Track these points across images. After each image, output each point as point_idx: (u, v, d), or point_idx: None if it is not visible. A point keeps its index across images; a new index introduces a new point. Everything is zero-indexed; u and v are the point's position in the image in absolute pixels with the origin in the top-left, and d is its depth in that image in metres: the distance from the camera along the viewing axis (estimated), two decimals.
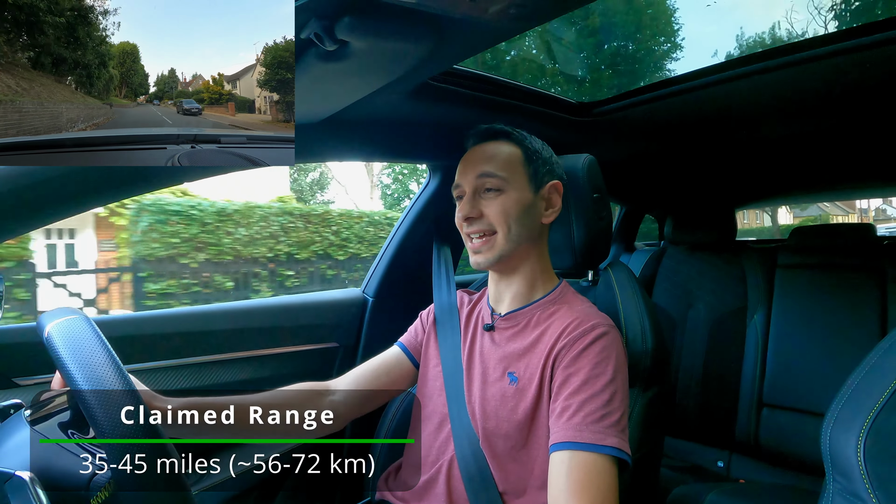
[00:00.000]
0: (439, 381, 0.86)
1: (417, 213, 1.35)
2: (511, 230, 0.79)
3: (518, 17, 0.62)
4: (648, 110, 1.28)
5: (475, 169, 0.81)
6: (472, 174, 0.81)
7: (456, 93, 1.00)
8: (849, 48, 0.95)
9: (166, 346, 1.08)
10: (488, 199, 0.80)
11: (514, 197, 0.79)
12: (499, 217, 0.79)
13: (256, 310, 1.25)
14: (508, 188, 0.79)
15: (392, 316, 1.33)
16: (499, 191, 0.79)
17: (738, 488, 1.45)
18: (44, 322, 0.58)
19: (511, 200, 0.79)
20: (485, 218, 0.80)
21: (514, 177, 0.80)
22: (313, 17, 0.59)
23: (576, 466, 0.65)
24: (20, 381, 0.91)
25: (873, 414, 0.52)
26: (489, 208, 0.80)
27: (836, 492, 0.56)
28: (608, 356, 0.72)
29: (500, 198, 0.79)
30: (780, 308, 1.75)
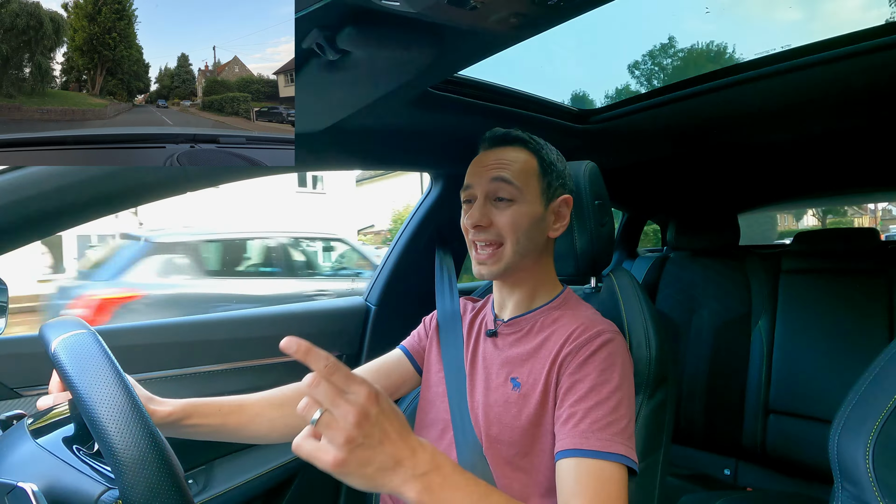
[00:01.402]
0: (442, 386, 0.85)
1: (419, 221, 1.35)
2: (519, 243, 0.78)
3: (519, 25, 0.63)
4: (649, 116, 1.29)
5: (490, 172, 0.78)
6: (485, 177, 0.79)
7: (457, 101, 1.00)
8: (851, 53, 0.95)
9: (169, 356, 1.08)
10: (500, 208, 0.78)
11: (526, 209, 0.78)
12: (509, 228, 0.77)
13: (259, 319, 1.25)
14: (521, 199, 0.78)
15: (394, 324, 1.33)
16: (511, 201, 0.78)
17: (745, 496, 1.44)
18: (48, 335, 0.57)
19: (522, 213, 0.78)
20: (494, 228, 0.78)
21: (528, 188, 0.78)
22: (315, 27, 0.60)
23: (584, 473, 0.64)
24: (22, 391, 0.91)
25: (882, 420, 0.52)
26: (500, 218, 0.78)
27: (845, 499, 0.56)
28: (614, 363, 0.71)
29: (511, 208, 0.78)
30: (785, 313, 1.74)
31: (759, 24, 5.91)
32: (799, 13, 5.81)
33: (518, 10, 0.59)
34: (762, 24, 7.04)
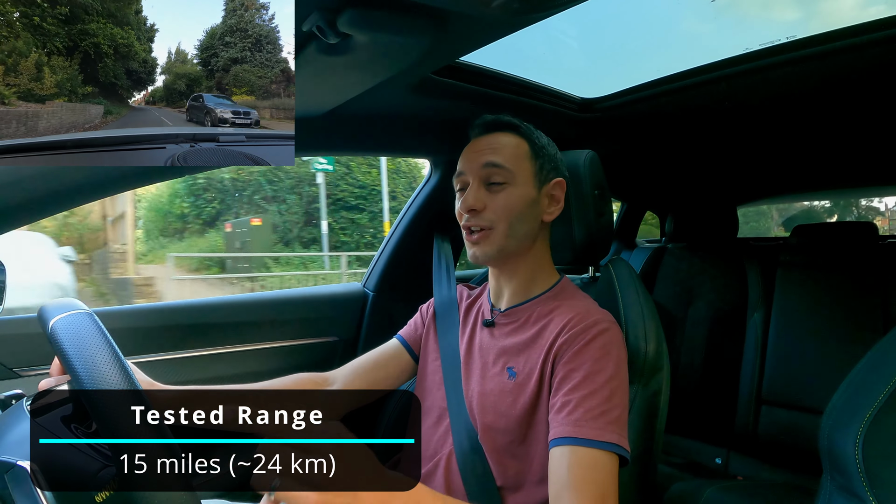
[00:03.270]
0: (438, 374, 0.86)
1: (418, 207, 1.35)
2: (512, 226, 0.78)
3: (521, 11, 0.62)
4: (652, 106, 1.28)
5: (481, 158, 0.79)
6: (477, 163, 0.79)
7: (458, 87, 0.99)
8: (850, 46, 0.94)
9: (167, 339, 1.08)
10: (493, 192, 0.79)
11: (518, 192, 0.78)
12: (501, 212, 0.78)
13: (257, 303, 1.26)
14: (514, 182, 0.78)
15: (392, 310, 1.34)
16: (504, 184, 0.78)
17: (736, 485, 1.46)
18: (47, 315, 0.58)
19: (515, 196, 0.78)
20: (487, 211, 0.78)
21: (519, 171, 0.79)
22: (315, 9, 0.59)
23: (576, 462, 0.65)
24: (21, 371, 0.92)
25: (872, 412, 0.52)
26: (492, 202, 0.78)
27: (834, 489, 0.57)
28: (609, 352, 0.72)
29: (504, 192, 0.78)
30: (781, 306, 1.75)
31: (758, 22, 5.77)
32: (797, 13, 5.67)
33: None
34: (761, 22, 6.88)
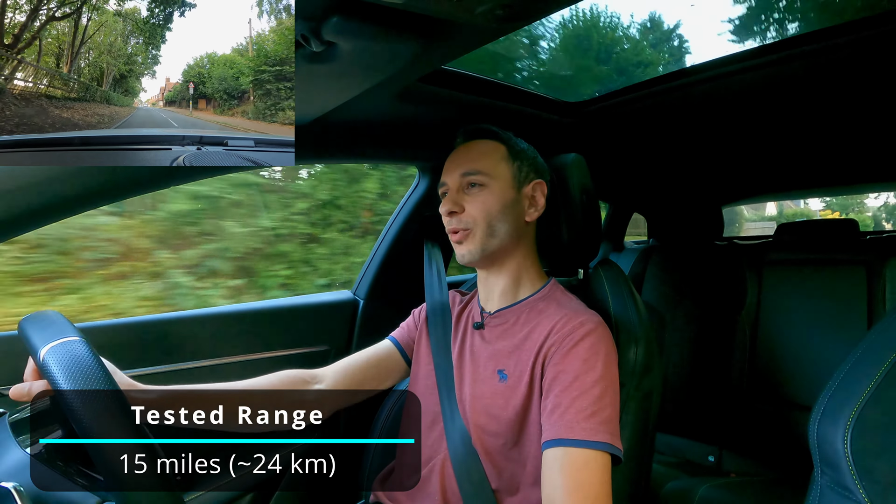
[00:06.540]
0: (431, 379, 0.86)
1: (408, 214, 1.35)
2: (491, 226, 0.80)
3: (505, 17, 0.62)
4: (636, 108, 1.29)
5: (460, 167, 0.82)
6: (456, 172, 0.83)
7: (444, 94, 1.00)
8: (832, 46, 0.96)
9: (155, 352, 1.06)
10: (471, 194, 0.82)
11: (496, 194, 0.81)
12: (479, 213, 0.80)
13: (246, 313, 1.24)
14: (490, 184, 0.81)
15: (384, 318, 1.33)
16: (482, 186, 0.81)
17: (729, 482, 1.47)
18: (34, 340, 0.56)
19: (493, 197, 0.81)
20: (466, 213, 0.81)
21: (496, 173, 0.82)
22: (299, 18, 0.59)
23: (569, 463, 0.65)
24: (1, 389, 0.89)
25: (859, 406, 0.53)
26: (470, 204, 0.81)
27: (825, 484, 0.57)
28: (598, 352, 0.72)
29: (482, 193, 0.81)
30: (768, 304, 1.77)
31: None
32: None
33: (504, 2, 0.58)
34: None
